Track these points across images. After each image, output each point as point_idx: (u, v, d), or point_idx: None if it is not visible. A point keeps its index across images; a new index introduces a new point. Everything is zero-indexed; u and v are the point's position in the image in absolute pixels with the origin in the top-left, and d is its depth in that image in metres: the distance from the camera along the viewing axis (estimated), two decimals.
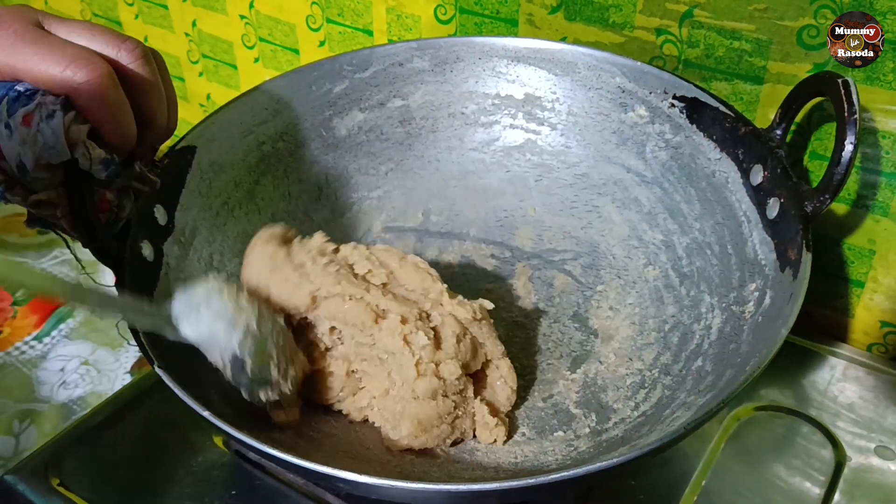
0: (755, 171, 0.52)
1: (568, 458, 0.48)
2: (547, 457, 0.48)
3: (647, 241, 0.59)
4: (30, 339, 0.68)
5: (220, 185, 0.58)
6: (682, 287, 0.56)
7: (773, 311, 0.46)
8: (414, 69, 0.64)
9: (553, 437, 0.50)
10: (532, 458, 0.48)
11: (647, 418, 0.49)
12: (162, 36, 0.96)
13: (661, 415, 0.48)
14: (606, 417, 0.50)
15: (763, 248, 0.50)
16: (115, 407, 0.57)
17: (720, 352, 0.49)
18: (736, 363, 0.46)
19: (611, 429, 0.49)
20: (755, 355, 0.44)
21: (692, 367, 0.50)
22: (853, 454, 0.52)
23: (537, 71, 0.62)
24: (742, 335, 0.48)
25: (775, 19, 0.54)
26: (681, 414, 0.46)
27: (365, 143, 0.64)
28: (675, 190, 0.58)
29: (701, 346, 0.51)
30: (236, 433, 0.39)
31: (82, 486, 0.51)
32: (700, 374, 0.49)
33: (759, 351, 0.44)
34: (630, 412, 0.50)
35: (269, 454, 0.39)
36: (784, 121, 0.53)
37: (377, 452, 0.49)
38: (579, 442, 0.49)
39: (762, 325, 0.47)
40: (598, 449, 0.48)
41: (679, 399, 0.48)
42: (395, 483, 0.38)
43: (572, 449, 0.49)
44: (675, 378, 0.51)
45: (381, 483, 0.38)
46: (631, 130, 0.60)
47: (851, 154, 0.46)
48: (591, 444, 0.48)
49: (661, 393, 0.50)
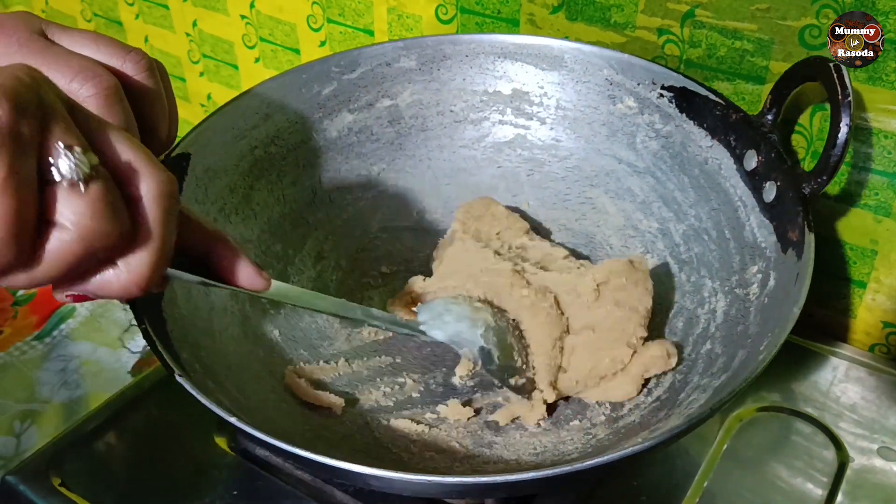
0: (749, 156, 0.53)
1: (588, 447, 0.48)
2: (566, 446, 0.49)
3: (643, 230, 0.60)
4: (30, 339, 0.68)
5: (216, 191, 0.57)
6: (682, 273, 0.56)
7: (780, 293, 0.47)
8: (401, 69, 0.64)
9: (569, 426, 0.50)
10: (552, 448, 0.49)
11: (661, 403, 0.49)
12: (163, 36, 0.96)
13: (677, 398, 0.48)
14: (621, 405, 0.51)
15: (762, 231, 0.51)
16: (117, 407, 0.57)
17: (728, 334, 0.50)
18: (746, 344, 0.47)
19: (626, 415, 0.50)
20: (766, 335, 0.45)
21: (701, 350, 0.51)
22: (856, 455, 0.52)
23: (524, 66, 0.63)
24: (749, 317, 0.49)
25: (777, 19, 0.54)
26: (697, 396, 0.47)
27: (356, 145, 0.64)
28: (668, 178, 0.59)
29: (708, 330, 0.52)
30: (263, 436, 0.39)
31: (83, 487, 0.51)
32: (710, 357, 0.50)
33: (769, 331, 0.45)
34: (644, 398, 0.51)
35: (298, 455, 0.39)
36: (775, 106, 0.53)
37: (397, 451, 0.49)
38: (596, 430, 0.50)
39: (769, 306, 0.48)
40: (617, 436, 0.48)
41: (692, 382, 0.49)
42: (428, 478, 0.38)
43: (591, 437, 0.49)
44: (686, 362, 0.51)
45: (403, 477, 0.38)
46: (620, 122, 0.61)
47: (847, 135, 0.47)
48: (609, 432, 0.49)
49: (672, 378, 0.51)
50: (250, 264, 0.40)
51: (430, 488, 0.40)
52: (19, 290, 0.34)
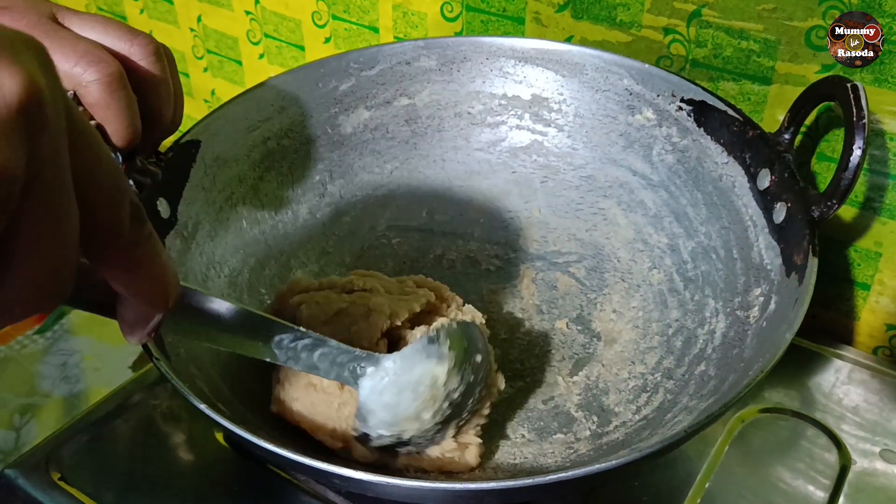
0: (762, 175, 0.52)
1: (567, 461, 0.47)
2: (546, 459, 0.48)
3: (652, 245, 0.59)
4: (31, 333, 0.68)
5: (224, 180, 0.57)
6: (687, 291, 0.55)
7: (779, 317, 0.46)
8: (421, 68, 0.64)
9: (553, 439, 0.50)
10: (531, 459, 0.48)
11: (648, 422, 0.48)
12: (167, 31, 0.96)
13: (663, 419, 0.47)
14: (607, 421, 0.50)
15: (769, 253, 0.50)
16: (117, 402, 0.57)
17: (723, 357, 0.49)
18: (739, 368, 0.46)
19: (611, 432, 0.49)
20: (759, 360, 0.43)
21: (695, 371, 0.50)
22: (858, 458, 0.51)
23: (545, 72, 0.62)
24: (746, 340, 0.48)
25: (784, 19, 0.54)
26: (682, 418, 0.46)
27: (370, 142, 0.64)
28: (682, 193, 0.58)
29: (704, 351, 0.51)
30: (233, 427, 0.39)
31: (83, 481, 0.51)
32: (703, 379, 0.49)
33: (762, 356, 0.43)
34: (632, 416, 0.50)
35: (268, 450, 0.38)
36: (792, 125, 0.52)
37: None
38: (579, 444, 0.49)
39: (766, 330, 0.46)
40: (598, 452, 0.47)
41: (681, 403, 0.48)
42: (392, 481, 0.38)
43: (572, 451, 0.48)
44: (678, 382, 0.50)
45: (379, 480, 0.37)
46: (638, 133, 0.60)
47: (860, 159, 0.46)
48: (591, 447, 0.48)
49: (663, 397, 0.50)
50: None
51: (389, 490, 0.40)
52: None
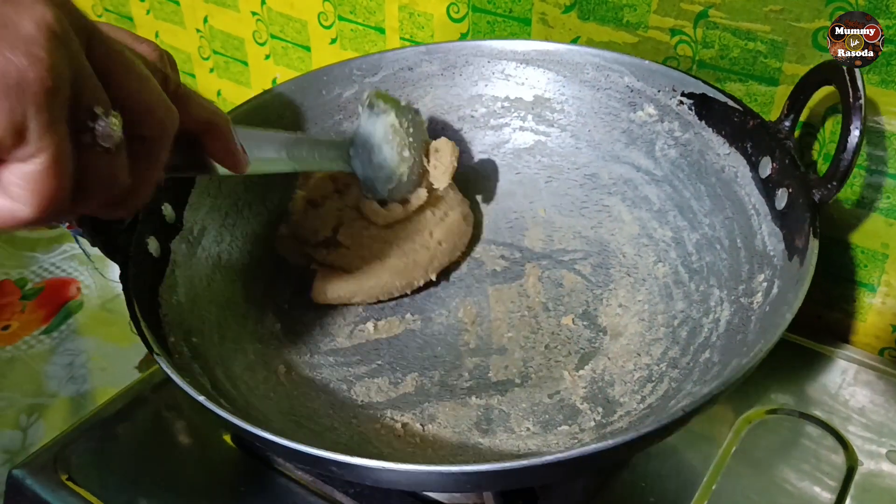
0: (764, 163, 0.52)
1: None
2: (550, 449, 0.48)
3: (657, 239, 0.59)
4: (38, 333, 0.69)
5: (230, 186, 0.58)
6: (692, 282, 0.55)
7: (780, 300, 0.46)
8: (423, 73, 0.64)
9: (558, 431, 0.49)
10: (535, 450, 0.48)
11: (652, 410, 0.48)
12: (173, 32, 0.96)
13: (667, 406, 0.47)
14: (612, 411, 0.50)
15: (772, 240, 0.50)
16: (124, 402, 0.57)
17: (727, 343, 0.49)
18: (742, 352, 0.46)
19: (615, 421, 0.49)
20: (760, 343, 0.43)
21: (700, 359, 0.50)
22: (864, 459, 0.51)
23: (546, 73, 0.62)
24: (749, 325, 0.48)
25: (791, 21, 0.54)
26: (686, 403, 0.46)
27: None
28: (685, 187, 0.58)
29: (709, 339, 0.51)
30: (235, 420, 0.39)
31: (90, 481, 0.52)
32: (707, 366, 0.48)
33: (765, 339, 0.43)
34: (636, 405, 0.50)
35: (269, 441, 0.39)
36: (792, 112, 0.52)
37: (378, 445, 0.49)
38: (583, 435, 0.49)
39: (770, 315, 0.46)
40: (602, 440, 0.48)
41: (685, 390, 0.48)
42: (392, 466, 0.38)
43: (576, 441, 0.48)
44: (683, 371, 0.50)
45: (382, 466, 0.37)
46: (640, 129, 0.60)
47: (858, 140, 0.46)
48: (594, 437, 0.48)
49: (667, 386, 0.50)
50: (238, 149, 0.42)
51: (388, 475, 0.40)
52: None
